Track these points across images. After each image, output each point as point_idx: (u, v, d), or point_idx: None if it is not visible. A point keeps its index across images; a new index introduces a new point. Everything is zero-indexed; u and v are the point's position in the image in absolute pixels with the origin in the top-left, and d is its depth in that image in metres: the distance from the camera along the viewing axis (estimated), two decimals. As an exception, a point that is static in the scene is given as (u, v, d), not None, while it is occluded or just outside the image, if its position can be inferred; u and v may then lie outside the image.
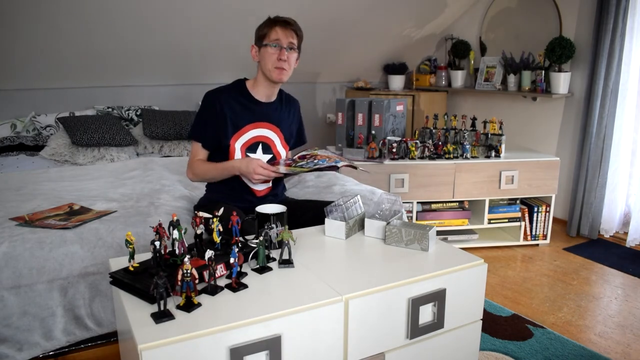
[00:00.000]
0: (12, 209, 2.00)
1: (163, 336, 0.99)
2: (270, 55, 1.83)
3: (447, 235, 3.10)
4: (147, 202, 2.12)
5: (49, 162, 3.17)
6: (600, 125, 3.18)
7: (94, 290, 1.67)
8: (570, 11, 3.45)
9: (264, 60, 1.85)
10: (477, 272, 1.36)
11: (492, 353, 1.98)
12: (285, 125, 1.99)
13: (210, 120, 1.86)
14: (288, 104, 2.03)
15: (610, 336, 2.14)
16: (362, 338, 1.20)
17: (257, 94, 1.93)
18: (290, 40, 1.84)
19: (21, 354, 1.58)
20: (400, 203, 1.66)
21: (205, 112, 1.89)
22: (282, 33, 1.83)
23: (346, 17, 3.85)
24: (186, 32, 3.52)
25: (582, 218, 3.32)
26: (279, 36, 1.82)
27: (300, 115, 2.11)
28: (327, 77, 4.62)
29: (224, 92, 1.90)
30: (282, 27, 1.83)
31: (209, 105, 1.87)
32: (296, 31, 1.87)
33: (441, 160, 2.96)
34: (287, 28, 1.84)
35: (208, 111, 1.87)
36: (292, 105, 2.06)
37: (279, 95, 2.00)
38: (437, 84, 4.47)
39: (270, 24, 1.85)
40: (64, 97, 3.63)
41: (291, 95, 2.08)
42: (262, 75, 1.89)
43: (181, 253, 1.27)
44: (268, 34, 1.84)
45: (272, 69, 1.84)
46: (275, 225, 1.43)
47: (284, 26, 1.84)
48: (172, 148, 3.59)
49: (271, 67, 1.84)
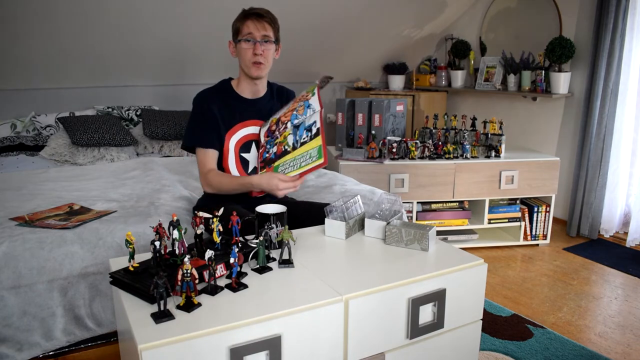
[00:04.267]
0: (12, 209, 2.00)
1: (163, 336, 0.98)
2: (245, 50, 1.78)
3: (447, 235, 3.10)
4: (147, 202, 2.12)
5: (49, 162, 3.17)
6: (600, 125, 3.18)
7: (94, 290, 1.67)
8: (570, 11, 3.45)
9: (241, 57, 1.81)
10: (477, 272, 1.36)
11: (492, 353, 1.98)
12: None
13: (208, 121, 1.84)
14: (280, 96, 1.97)
15: (610, 336, 2.14)
16: (362, 338, 1.19)
17: (242, 92, 1.89)
18: (263, 33, 1.77)
19: (21, 354, 1.57)
20: (400, 203, 1.66)
21: (200, 115, 1.85)
22: (254, 26, 1.76)
23: (346, 17, 3.85)
24: (186, 32, 3.52)
25: (582, 218, 3.32)
26: (251, 30, 1.76)
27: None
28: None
29: (210, 93, 1.86)
30: (254, 20, 1.76)
31: (202, 108, 1.84)
32: (270, 22, 1.79)
33: (441, 160, 2.96)
34: (259, 20, 1.77)
35: (203, 114, 1.84)
36: (284, 96, 1.99)
37: (269, 89, 1.95)
38: (437, 84, 4.47)
39: (242, 18, 1.78)
40: (64, 97, 3.63)
41: (284, 87, 2.02)
42: (242, 71, 1.85)
43: (181, 253, 1.27)
44: (241, 29, 1.78)
45: (249, 65, 1.80)
46: (275, 225, 1.43)
47: (257, 18, 1.76)
48: (172, 148, 3.59)
49: (248, 62, 1.79)
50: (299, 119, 1.74)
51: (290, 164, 1.72)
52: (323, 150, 1.64)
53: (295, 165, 1.70)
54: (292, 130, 1.75)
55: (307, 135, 1.70)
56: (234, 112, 1.87)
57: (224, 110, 1.85)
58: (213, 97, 1.86)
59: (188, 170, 2.78)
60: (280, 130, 1.79)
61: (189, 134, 1.87)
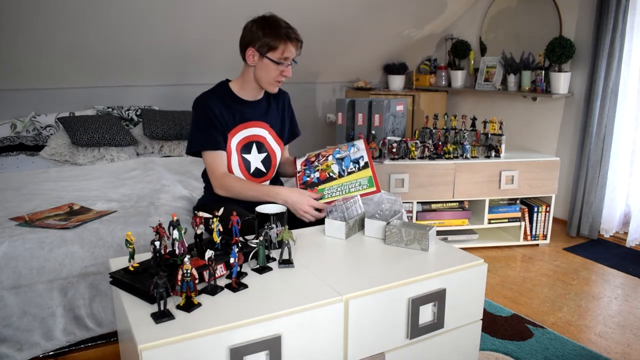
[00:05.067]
0: (12, 209, 2.00)
1: (163, 336, 0.99)
2: (273, 69, 1.76)
3: (447, 235, 3.10)
4: (147, 202, 2.12)
5: (49, 162, 3.17)
6: (600, 125, 3.18)
7: (94, 290, 1.67)
8: (570, 11, 3.45)
9: (264, 72, 1.78)
10: (477, 272, 1.36)
11: (492, 353, 1.98)
12: (274, 121, 1.95)
13: (212, 123, 1.82)
14: (276, 98, 1.97)
15: (610, 336, 2.14)
16: (362, 338, 1.20)
17: (244, 95, 1.88)
18: (296, 54, 1.78)
19: (21, 354, 1.58)
20: (400, 203, 1.66)
21: (203, 119, 1.81)
22: (293, 51, 1.74)
23: (346, 17, 3.85)
24: (186, 32, 3.52)
25: (582, 218, 3.32)
26: (288, 55, 1.73)
27: (290, 108, 2.03)
28: (327, 77, 4.62)
29: (210, 96, 1.85)
30: (295, 44, 1.74)
31: (204, 111, 1.81)
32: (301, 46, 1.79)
33: (441, 160, 2.96)
34: (297, 46, 1.75)
35: (206, 117, 1.81)
36: (279, 98, 1.99)
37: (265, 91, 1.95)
38: (437, 84, 4.47)
39: (283, 39, 1.72)
40: (64, 97, 3.63)
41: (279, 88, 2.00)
42: (254, 80, 1.83)
43: (181, 253, 1.27)
44: (278, 48, 1.73)
45: (271, 82, 1.79)
46: (275, 225, 1.43)
47: (297, 43, 1.74)
48: (172, 148, 3.59)
49: (271, 80, 1.78)
50: (341, 153, 1.75)
51: (337, 188, 1.72)
52: (374, 181, 1.67)
53: (343, 191, 1.70)
54: (336, 162, 1.76)
55: (354, 167, 1.71)
56: (234, 114, 1.87)
57: (225, 112, 1.85)
58: (213, 100, 1.85)
59: (188, 170, 2.78)
60: (321, 162, 1.79)
61: (195, 138, 1.83)
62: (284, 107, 2.01)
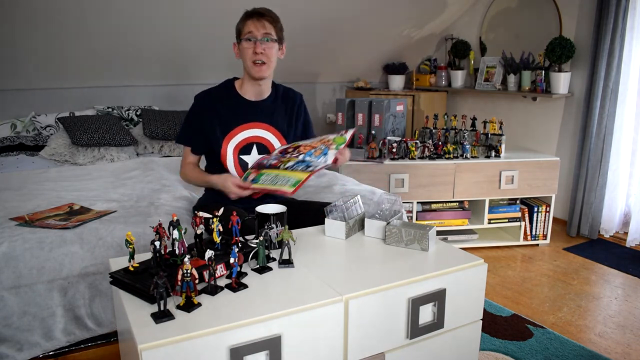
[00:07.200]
0: (12, 209, 2.00)
1: (163, 336, 0.99)
2: (246, 50, 1.78)
3: (447, 235, 3.10)
4: (147, 202, 2.12)
5: (49, 162, 3.17)
6: (600, 125, 3.18)
7: (94, 290, 1.67)
8: (570, 11, 3.45)
9: (243, 57, 1.81)
10: (477, 272, 1.36)
11: (492, 353, 1.98)
12: (280, 123, 1.92)
13: (198, 124, 1.84)
14: (285, 99, 1.95)
15: (610, 336, 2.14)
16: (362, 338, 1.19)
17: (245, 94, 1.89)
18: (264, 31, 1.77)
19: (21, 354, 1.57)
20: (400, 203, 1.66)
21: (193, 116, 1.87)
22: (254, 25, 1.76)
23: (346, 17, 3.85)
24: (186, 32, 3.52)
25: (582, 218, 3.32)
26: (251, 29, 1.76)
27: (304, 109, 2.01)
28: (327, 77, 4.62)
29: (212, 94, 1.87)
30: (255, 19, 1.77)
31: (197, 110, 1.86)
32: (271, 21, 1.79)
33: (441, 160, 2.96)
34: (259, 19, 1.77)
35: (196, 116, 1.86)
36: (290, 99, 1.97)
37: (275, 91, 1.94)
38: (437, 84, 4.47)
39: (244, 18, 1.80)
40: (64, 97, 3.63)
41: (291, 89, 2.00)
42: (246, 73, 1.85)
43: (181, 253, 1.27)
44: (242, 29, 1.79)
45: (250, 65, 1.79)
46: (275, 225, 1.43)
47: (257, 18, 1.77)
48: (172, 148, 3.59)
49: (249, 62, 1.79)
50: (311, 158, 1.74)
51: (270, 177, 1.73)
52: (299, 185, 1.64)
53: (272, 181, 1.71)
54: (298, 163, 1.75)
55: (301, 169, 1.71)
56: (235, 114, 1.86)
57: (224, 112, 1.85)
58: (214, 98, 1.86)
59: (188, 170, 2.77)
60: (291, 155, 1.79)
61: (181, 131, 1.94)
62: (295, 109, 1.98)
